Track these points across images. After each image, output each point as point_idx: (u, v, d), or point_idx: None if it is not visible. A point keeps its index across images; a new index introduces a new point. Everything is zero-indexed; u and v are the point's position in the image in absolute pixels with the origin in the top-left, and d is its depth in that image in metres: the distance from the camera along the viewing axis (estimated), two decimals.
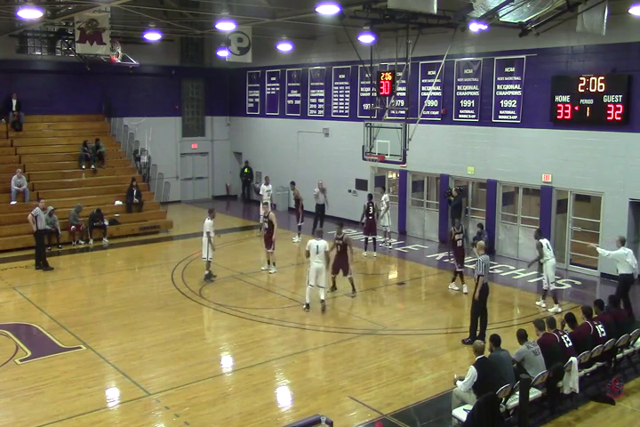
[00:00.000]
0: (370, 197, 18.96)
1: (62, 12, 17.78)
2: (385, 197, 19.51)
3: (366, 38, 17.71)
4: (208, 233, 15.49)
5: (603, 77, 15.62)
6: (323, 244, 13.62)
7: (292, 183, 21.22)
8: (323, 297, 13.71)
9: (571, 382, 9.29)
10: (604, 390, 9.84)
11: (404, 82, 18.49)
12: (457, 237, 15.06)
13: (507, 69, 18.00)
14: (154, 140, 25.85)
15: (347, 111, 23.11)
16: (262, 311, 13.83)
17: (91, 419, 9.07)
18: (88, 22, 17.86)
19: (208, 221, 15.56)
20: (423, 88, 20.15)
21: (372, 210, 18.50)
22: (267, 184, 21.88)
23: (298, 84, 25.11)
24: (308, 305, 13.75)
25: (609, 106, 15.55)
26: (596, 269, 16.56)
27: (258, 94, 27.33)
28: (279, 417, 9.23)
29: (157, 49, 25.32)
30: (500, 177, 18.46)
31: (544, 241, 13.99)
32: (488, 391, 8.30)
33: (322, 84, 24.00)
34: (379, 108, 18.40)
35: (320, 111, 24.24)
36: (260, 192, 21.84)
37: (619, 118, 15.43)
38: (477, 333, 11.85)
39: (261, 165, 27.42)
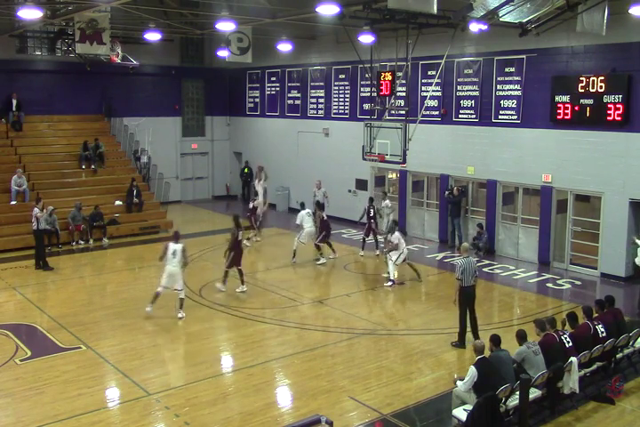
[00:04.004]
0: (371, 200, 18.86)
1: (62, 12, 17.77)
2: (387, 202, 19.07)
3: (366, 38, 17.73)
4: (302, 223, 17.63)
5: (603, 77, 15.62)
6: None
7: (318, 204, 18.84)
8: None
9: (571, 382, 9.29)
10: (604, 390, 9.84)
11: (404, 82, 18.49)
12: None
13: (507, 69, 18.00)
14: (154, 140, 25.82)
15: (347, 111, 23.10)
16: (262, 311, 13.84)
17: (91, 419, 9.08)
18: (88, 22, 17.85)
19: (303, 212, 17.72)
20: (423, 88, 20.15)
21: (372, 213, 18.38)
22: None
23: (298, 84, 25.11)
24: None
25: (609, 106, 15.55)
26: (595, 269, 16.56)
27: (258, 94, 27.33)
28: (279, 417, 9.24)
29: (157, 49, 25.31)
30: (500, 177, 18.47)
31: None
32: (488, 391, 8.30)
33: (322, 84, 24.00)
34: (379, 108, 18.40)
35: (320, 111, 24.24)
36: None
37: (619, 118, 15.43)
38: (468, 333, 11.94)
39: (261, 164, 27.35)
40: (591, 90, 15.84)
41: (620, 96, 15.34)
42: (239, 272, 15.06)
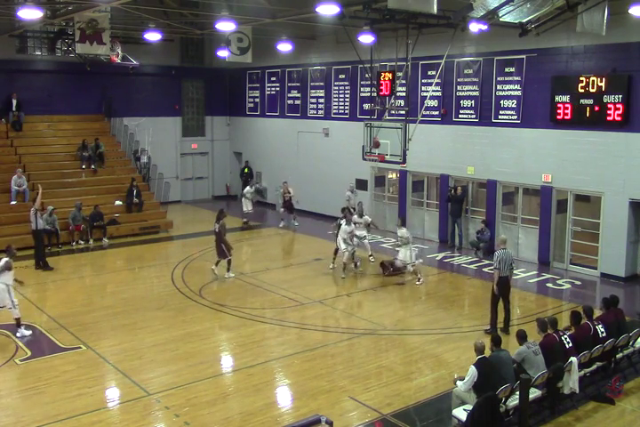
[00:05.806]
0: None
1: (62, 12, 17.77)
2: (404, 231, 16.07)
3: (366, 38, 17.71)
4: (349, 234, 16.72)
5: (603, 77, 15.62)
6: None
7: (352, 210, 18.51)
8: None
9: (571, 382, 9.29)
10: (604, 390, 9.84)
11: (404, 82, 18.47)
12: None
13: (507, 69, 18.00)
14: (154, 140, 25.83)
15: (347, 111, 23.10)
16: (262, 311, 13.84)
17: (91, 419, 9.08)
18: (88, 22, 17.86)
19: (344, 227, 16.67)
20: (423, 88, 20.14)
21: None
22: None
23: (298, 84, 25.10)
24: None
25: (609, 106, 15.55)
26: (595, 269, 16.56)
27: (258, 94, 27.32)
28: (279, 417, 9.24)
29: (157, 49, 25.31)
30: (500, 177, 18.46)
31: None
32: (488, 391, 8.30)
33: (322, 84, 23.99)
34: (379, 108, 18.39)
35: (320, 111, 24.23)
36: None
37: (619, 118, 15.42)
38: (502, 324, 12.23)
39: (261, 165, 27.42)
40: (591, 90, 15.83)
41: (620, 96, 15.34)
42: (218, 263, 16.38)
